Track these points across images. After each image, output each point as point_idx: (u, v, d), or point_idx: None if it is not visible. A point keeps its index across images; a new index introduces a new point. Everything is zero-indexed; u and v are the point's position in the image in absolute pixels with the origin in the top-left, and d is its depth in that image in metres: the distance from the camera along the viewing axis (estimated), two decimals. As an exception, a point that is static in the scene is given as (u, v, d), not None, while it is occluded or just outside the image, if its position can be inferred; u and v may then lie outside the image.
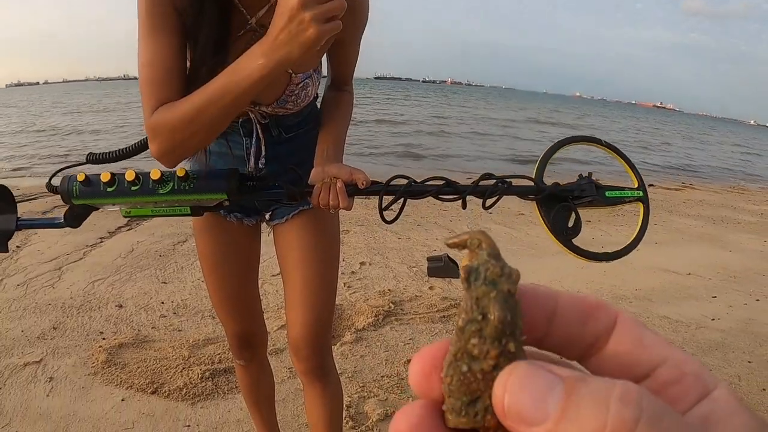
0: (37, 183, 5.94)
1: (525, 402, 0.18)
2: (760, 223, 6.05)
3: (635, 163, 1.17)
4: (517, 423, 0.18)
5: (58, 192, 1.06)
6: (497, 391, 0.19)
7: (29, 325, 2.50)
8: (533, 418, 0.18)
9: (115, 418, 1.91)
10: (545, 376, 0.18)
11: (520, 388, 0.18)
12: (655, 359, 0.21)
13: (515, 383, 0.19)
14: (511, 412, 0.18)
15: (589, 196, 1.07)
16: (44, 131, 12.72)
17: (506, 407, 0.18)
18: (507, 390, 0.19)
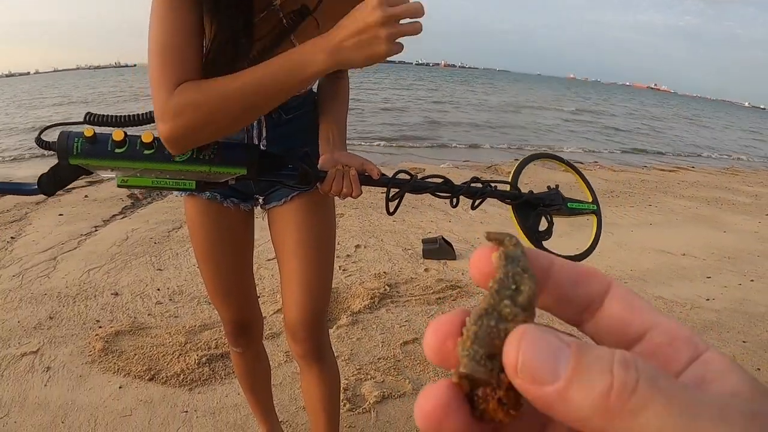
0: (30, 173, 5.91)
1: (538, 362, 0.19)
2: (754, 204, 6.08)
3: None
4: (529, 382, 0.19)
5: (53, 148, 0.99)
6: (510, 350, 0.20)
7: (25, 316, 2.50)
8: (545, 378, 0.18)
9: (113, 405, 1.91)
10: (555, 339, 0.19)
11: (534, 349, 0.19)
12: (647, 324, 0.22)
13: (529, 344, 0.19)
14: (524, 371, 0.19)
15: (557, 205, 1.23)
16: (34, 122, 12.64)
17: (519, 366, 0.19)
18: (521, 350, 0.19)
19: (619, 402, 0.17)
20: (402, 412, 1.95)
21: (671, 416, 0.17)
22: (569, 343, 0.19)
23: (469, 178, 1.20)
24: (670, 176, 7.77)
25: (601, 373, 0.18)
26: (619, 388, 0.18)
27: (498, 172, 6.78)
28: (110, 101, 18.01)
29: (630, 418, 0.17)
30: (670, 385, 0.18)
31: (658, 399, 0.17)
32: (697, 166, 9.49)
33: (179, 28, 0.94)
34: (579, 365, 0.18)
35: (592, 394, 0.18)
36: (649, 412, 0.17)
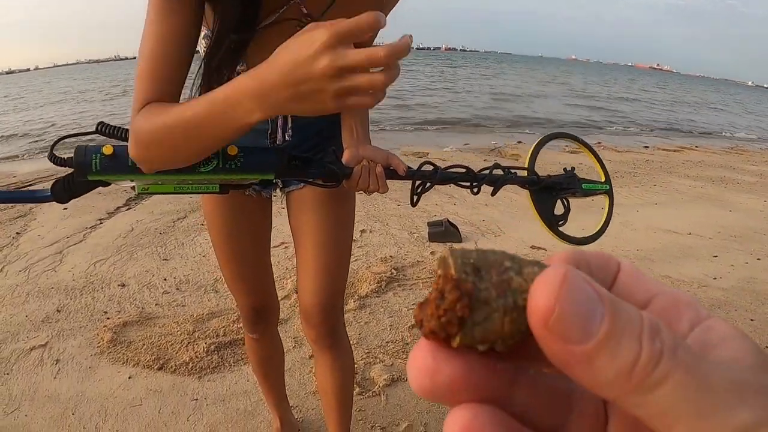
0: (34, 168, 5.91)
1: (574, 318, 0.17)
2: (759, 183, 6.04)
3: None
4: (558, 336, 0.17)
5: (68, 164, 0.94)
6: (540, 294, 0.18)
7: (33, 310, 2.50)
8: (576, 337, 0.17)
9: (123, 395, 1.92)
10: (593, 291, 0.18)
11: (574, 301, 0.17)
12: (653, 291, 0.22)
13: (570, 293, 0.17)
14: (557, 325, 0.17)
15: (573, 188, 1.22)
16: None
17: (555, 317, 0.17)
18: (560, 299, 0.17)
19: (643, 374, 0.17)
20: (411, 394, 1.96)
21: (687, 391, 0.17)
22: (603, 298, 0.18)
23: (473, 161, 1.20)
24: (675, 156, 7.72)
25: (630, 341, 0.17)
26: (645, 359, 0.17)
27: (501, 155, 6.75)
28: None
29: (648, 390, 0.17)
30: (688, 356, 0.17)
31: (677, 373, 0.17)
32: (701, 146, 9.43)
33: (167, 36, 0.84)
34: (612, 329, 0.17)
35: (619, 363, 0.17)
36: (666, 386, 0.17)
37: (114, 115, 11.80)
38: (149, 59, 0.84)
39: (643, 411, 0.17)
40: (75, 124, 10.73)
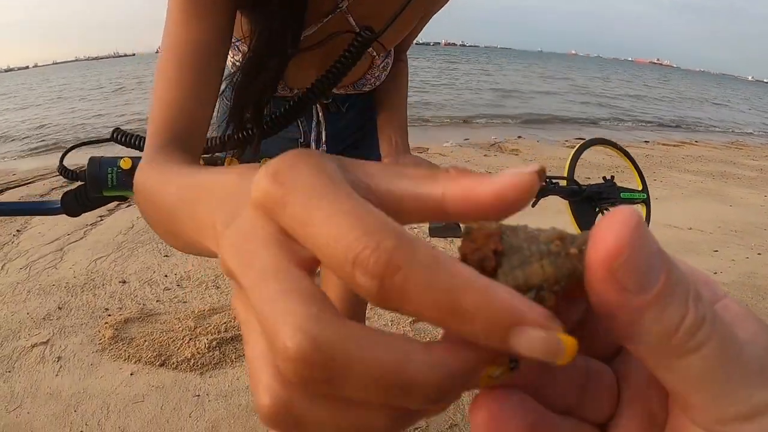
0: (33, 165, 5.91)
1: (638, 266, 0.17)
2: (760, 177, 6.03)
3: None
4: (618, 282, 0.17)
5: (81, 178, 0.86)
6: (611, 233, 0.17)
7: (34, 307, 2.51)
8: (636, 286, 0.17)
9: (126, 392, 1.93)
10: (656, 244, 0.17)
11: (642, 247, 0.17)
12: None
13: (640, 239, 0.17)
14: (623, 269, 0.17)
15: (612, 198, 1.18)
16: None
17: (623, 260, 0.16)
18: (630, 244, 0.16)
19: (685, 337, 0.17)
20: (412, 391, 1.96)
21: (719, 361, 0.17)
22: (662, 253, 0.17)
23: (473, 157, 1.18)
24: (675, 151, 7.72)
25: (680, 302, 0.17)
26: (689, 322, 0.17)
27: (502, 150, 6.74)
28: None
29: (685, 354, 0.17)
30: (723, 328, 0.17)
31: (714, 341, 0.17)
32: (701, 140, 9.42)
33: (188, 50, 0.67)
34: (666, 286, 0.17)
35: (666, 322, 0.17)
36: (702, 352, 0.17)
37: (101, 116, 11.76)
38: (167, 85, 0.67)
39: (673, 375, 0.17)
40: (67, 123, 10.71)
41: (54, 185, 4.64)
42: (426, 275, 0.16)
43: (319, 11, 0.81)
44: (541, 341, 0.17)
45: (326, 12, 0.82)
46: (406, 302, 0.17)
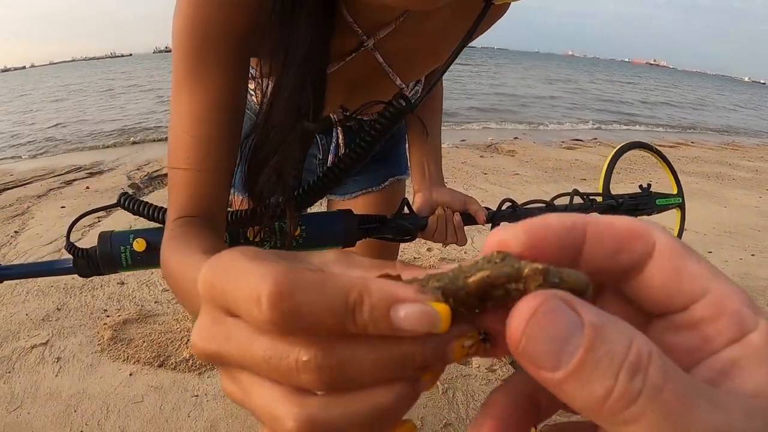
0: (31, 166, 5.91)
1: (541, 348, 0.17)
2: (754, 179, 6.07)
3: None
4: (527, 363, 0.18)
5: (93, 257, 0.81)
6: (514, 323, 0.18)
7: (33, 308, 2.52)
8: (547, 364, 0.17)
9: (125, 392, 1.94)
10: (567, 317, 0.18)
11: (541, 332, 0.18)
12: (695, 293, 0.20)
13: (538, 323, 0.18)
14: (526, 355, 0.18)
15: (650, 208, 1.15)
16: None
17: (521, 349, 0.18)
18: (525, 333, 0.18)
19: (614, 409, 0.17)
20: (409, 391, 1.98)
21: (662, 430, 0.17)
22: (584, 323, 0.17)
23: (470, 158, 1.15)
24: (671, 152, 7.75)
25: (604, 377, 0.17)
26: (617, 396, 0.17)
27: (498, 151, 6.76)
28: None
29: (620, 424, 0.17)
30: (674, 400, 0.17)
31: (653, 415, 0.16)
32: (697, 141, 9.45)
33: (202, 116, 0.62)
34: (585, 361, 0.17)
35: (589, 396, 0.17)
36: (639, 424, 0.17)
37: (81, 122, 11.73)
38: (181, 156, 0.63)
39: None
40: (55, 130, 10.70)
41: (51, 186, 4.65)
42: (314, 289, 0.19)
43: (342, 49, 0.75)
44: (419, 313, 0.19)
45: (350, 50, 0.76)
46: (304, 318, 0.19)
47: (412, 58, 0.80)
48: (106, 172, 5.31)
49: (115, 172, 5.33)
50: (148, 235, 0.79)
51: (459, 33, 0.74)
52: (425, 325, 0.19)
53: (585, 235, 0.21)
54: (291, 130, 0.64)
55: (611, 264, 0.21)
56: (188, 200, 0.63)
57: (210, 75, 0.61)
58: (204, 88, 0.61)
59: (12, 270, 0.88)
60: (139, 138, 8.18)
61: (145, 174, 5.04)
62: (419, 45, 0.78)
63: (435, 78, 0.78)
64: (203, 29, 0.59)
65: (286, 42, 0.60)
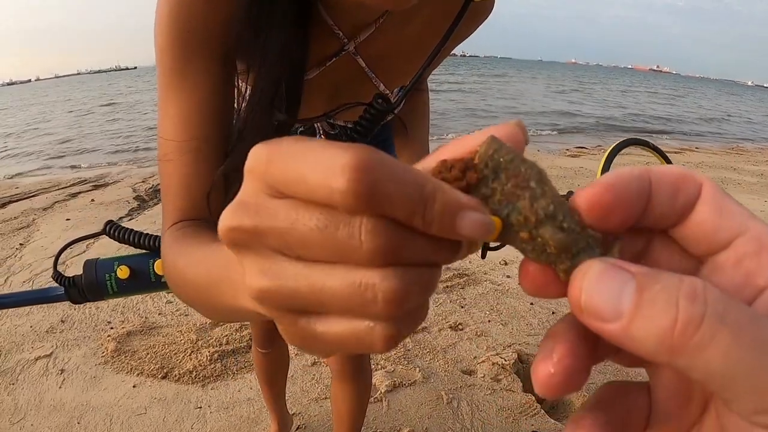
0: (35, 180, 5.95)
1: (601, 300, 0.19)
2: (760, 183, 6.04)
3: None
4: (594, 320, 0.19)
5: (78, 285, 0.81)
6: (573, 291, 0.20)
7: (37, 320, 2.52)
8: (609, 315, 0.19)
9: (128, 404, 1.94)
10: (618, 274, 0.19)
11: (596, 287, 0.19)
12: (736, 229, 0.21)
13: (591, 282, 0.19)
14: (588, 310, 0.19)
15: None
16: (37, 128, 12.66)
17: (583, 305, 0.19)
18: (584, 289, 0.19)
19: (683, 338, 0.17)
20: (413, 400, 1.97)
21: (738, 352, 0.17)
22: (634, 274, 0.19)
23: None
24: (675, 158, 7.72)
25: (665, 307, 0.18)
26: (683, 323, 0.17)
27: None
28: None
29: (694, 353, 0.17)
30: (740, 319, 0.17)
31: (723, 334, 0.17)
32: (702, 147, 9.43)
33: (191, 116, 0.61)
34: (641, 300, 0.18)
35: (655, 330, 0.18)
36: (714, 348, 0.17)
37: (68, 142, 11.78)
38: (173, 159, 0.62)
39: (697, 374, 0.18)
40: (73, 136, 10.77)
41: (57, 198, 4.68)
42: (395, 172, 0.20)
43: (323, 54, 0.73)
44: (480, 221, 0.21)
45: (331, 54, 0.73)
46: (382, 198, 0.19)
47: (394, 61, 0.79)
48: (111, 185, 5.34)
49: (120, 184, 5.36)
50: (131, 261, 0.79)
51: (441, 35, 0.73)
52: (483, 233, 0.21)
53: (650, 181, 0.22)
54: (264, 129, 0.62)
55: (672, 205, 0.22)
56: (183, 204, 0.61)
57: (195, 75, 0.60)
58: (189, 88, 0.60)
59: (6, 299, 0.88)
60: (143, 151, 8.23)
61: (150, 186, 5.06)
62: (401, 47, 0.78)
63: (413, 78, 0.77)
64: (184, 29, 0.58)
65: (261, 45, 0.60)
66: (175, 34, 0.58)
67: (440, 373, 2.13)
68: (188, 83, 0.60)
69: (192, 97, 0.60)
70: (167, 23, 0.58)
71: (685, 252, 0.23)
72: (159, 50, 0.60)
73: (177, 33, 0.58)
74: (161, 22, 0.59)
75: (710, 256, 0.22)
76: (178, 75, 0.60)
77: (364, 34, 0.73)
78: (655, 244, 0.24)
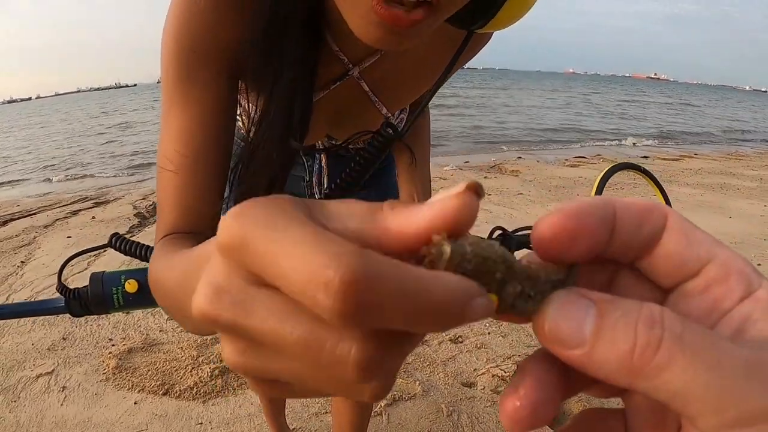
0: (36, 198, 5.97)
1: (564, 327, 0.20)
2: (759, 188, 6.04)
3: None
4: (559, 347, 0.20)
5: (83, 298, 0.81)
6: (539, 320, 0.21)
7: (39, 338, 2.53)
8: (572, 342, 0.19)
9: (129, 421, 1.94)
10: (579, 301, 0.20)
11: (560, 315, 0.20)
12: (704, 257, 0.22)
13: (555, 310, 0.20)
14: (553, 338, 0.20)
15: None
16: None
17: (548, 333, 0.20)
18: (547, 318, 0.20)
19: (642, 360, 0.18)
20: (413, 413, 1.97)
21: (696, 372, 0.18)
22: (595, 301, 0.20)
23: (475, 179, 1.13)
24: (674, 165, 7.74)
25: (625, 332, 0.18)
26: (642, 346, 0.18)
27: (501, 171, 6.78)
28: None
29: (654, 375, 0.18)
30: (697, 341, 0.18)
31: (682, 356, 0.18)
32: (701, 153, 9.44)
33: (190, 137, 0.62)
34: (602, 326, 0.19)
35: (616, 354, 0.18)
36: (672, 369, 0.18)
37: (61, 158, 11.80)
38: (170, 171, 0.62)
39: (659, 395, 0.18)
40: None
41: (58, 216, 4.69)
42: (395, 282, 0.17)
43: (327, 78, 0.74)
44: (487, 305, 0.19)
45: (335, 78, 0.74)
46: (377, 311, 0.17)
47: (397, 85, 0.80)
48: (112, 202, 5.36)
49: (121, 201, 5.38)
50: (140, 275, 0.78)
51: (444, 60, 0.74)
52: (485, 314, 0.19)
53: (615, 210, 0.22)
54: (275, 154, 0.63)
55: (637, 235, 0.22)
56: (177, 218, 0.62)
57: (198, 93, 0.61)
58: (192, 104, 0.61)
59: (4, 309, 0.87)
60: (144, 167, 8.25)
61: (150, 203, 5.08)
62: (404, 73, 0.79)
63: (421, 105, 0.79)
64: (190, 46, 0.59)
65: (272, 67, 0.61)
66: (181, 50, 0.60)
67: (440, 386, 2.13)
68: (191, 99, 0.61)
69: (194, 113, 0.61)
70: (174, 40, 0.60)
71: (652, 283, 0.24)
72: (165, 65, 0.61)
73: (183, 50, 0.60)
74: (168, 39, 0.60)
75: (679, 285, 0.23)
76: (181, 90, 0.61)
77: (369, 61, 0.74)
78: (621, 275, 0.25)
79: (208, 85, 0.61)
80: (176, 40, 0.60)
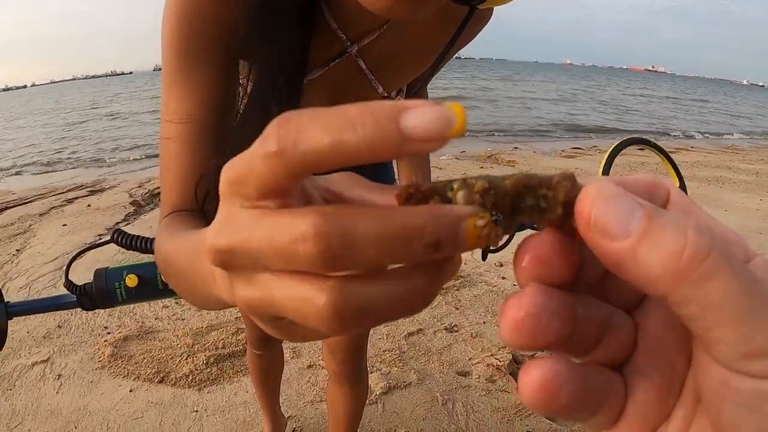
0: (33, 185, 5.95)
1: (611, 218, 0.19)
2: (755, 182, 6.07)
3: None
4: (601, 237, 0.19)
5: (89, 294, 0.84)
6: (583, 203, 0.20)
7: (35, 326, 2.53)
8: (618, 233, 0.19)
9: (125, 409, 1.95)
10: (629, 198, 0.19)
11: (607, 205, 0.19)
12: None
13: (603, 200, 0.19)
14: (597, 226, 0.19)
15: None
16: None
17: (593, 220, 0.19)
18: (595, 204, 0.19)
19: (690, 265, 0.17)
20: (408, 402, 1.98)
21: (735, 292, 0.17)
22: (642, 204, 0.19)
23: (470, 169, 1.13)
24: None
25: (675, 234, 0.18)
26: (692, 251, 0.17)
27: (497, 161, 6.78)
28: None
29: (697, 283, 0.17)
30: (738, 263, 0.18)
31: (727, 271, 0.17)
32: (697, 147, 9.46)
33: (190, 116, 0.62)
34: (651, 224, 0.18)
35: (664, 253, 0.18)
36: (716, 281, 0.17)
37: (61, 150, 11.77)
38: (172, 153, 0.63)
39: (693, 305, 0.18)
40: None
41: (53, 204, 4.68)
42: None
43: (326, 55, 0.73)
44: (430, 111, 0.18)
45: (333, 56, 0.74)
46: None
47: (395, 64, 0.80)
48: (108, 190, 5.34)
49: (117, 189, 5.36)
50: (140, 270, 0.81)
51: (443, 39, 0.75)
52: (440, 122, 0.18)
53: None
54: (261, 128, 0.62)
55: None
56: (179, 197, 0.62)
57: (199, 73, 0.61)
58: (193, 86, 0.61)
59: (22, 306, 0.90)
60: (139, 155, 8.23)
61: (146, 191, 5.07)
62: (403, 52, 0.79)
63: (416, 87, 0.78)
64: (189, 27, 0.60)
65: (266, 45, 0.61)
66: (181, 29, 0.60)
67: (435, 375, 2.14)
68: (191, 79, 0.61)
69: (193, 95, 0.62)
70: (175, 22, 0.60)
71: None
72: (165, 45, 0.61)
73: (183, 29, 0.60)
74: (169, 18, 0.60)
75: None
76: (181, 69, 0.61)
77: (367, 39, 0.74)
78: None
79: (208, 63, 0.61)
80: (176, 19, 0.60)
